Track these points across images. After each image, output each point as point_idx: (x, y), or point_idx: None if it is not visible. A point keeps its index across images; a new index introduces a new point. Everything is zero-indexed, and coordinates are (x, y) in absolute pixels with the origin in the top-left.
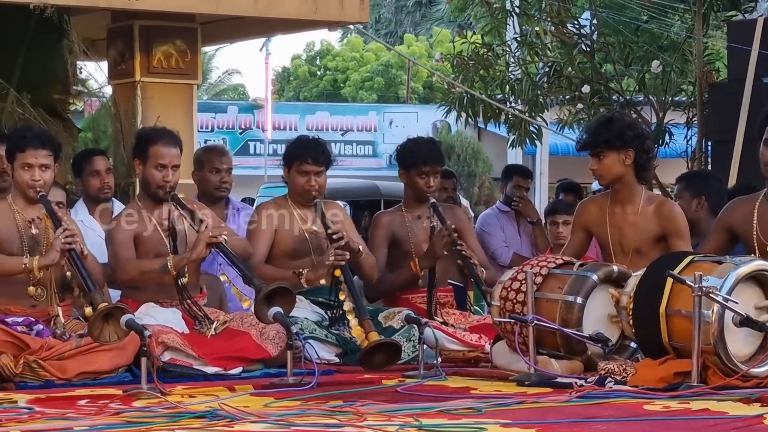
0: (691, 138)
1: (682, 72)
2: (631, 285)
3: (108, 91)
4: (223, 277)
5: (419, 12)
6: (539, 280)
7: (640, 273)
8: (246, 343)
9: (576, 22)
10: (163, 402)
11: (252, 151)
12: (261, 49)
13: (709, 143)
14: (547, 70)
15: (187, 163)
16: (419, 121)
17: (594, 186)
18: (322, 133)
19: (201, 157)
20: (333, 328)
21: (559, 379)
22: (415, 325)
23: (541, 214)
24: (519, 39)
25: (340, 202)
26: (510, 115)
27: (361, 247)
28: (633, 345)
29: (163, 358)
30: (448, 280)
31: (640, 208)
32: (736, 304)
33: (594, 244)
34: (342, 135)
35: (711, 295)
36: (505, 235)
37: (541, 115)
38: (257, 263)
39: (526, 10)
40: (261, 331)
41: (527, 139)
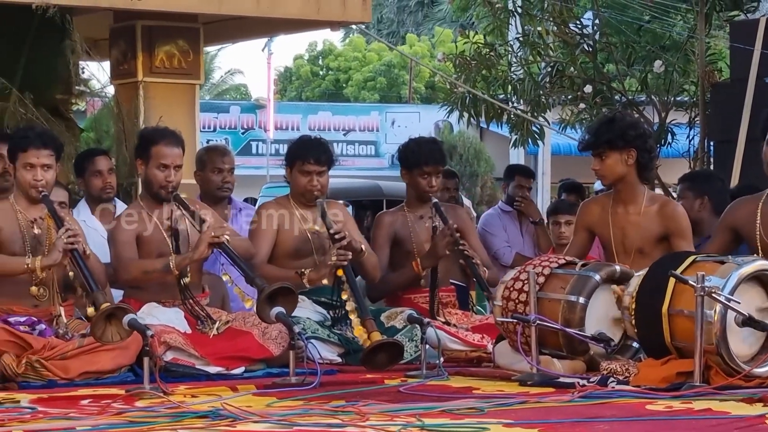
0: (693, 138)
1: (684, 72)
2: (633, 285)
3: (110, 91)
4: (225, 277)
5: (421, 12)
6: (542, 280)
7: (643, 273)
8: (248, 343)
9: (578, 22)
10: (165, 402)
11: (254, 151)
12: (263, 49)
13: (712, 143)
14: (549, 70)
15: (189, 163)
16: (421, 121)
17: (596, 186)
18: (324, 133)
19: (203, 157)
20: (335, 327)
21: (562, 379)
22: (417, 325)
23: (544, 214)
24: (521, 39)
25: (341, 202)
26: (512, 115)
27: (363, 247)
28: (635, 345)
29: (166, 358)
30: (450, 280)
31: (643, 208)
32: (739, 304)
33: (596, 245)
34: (344, 135)
35: (713, 295)
36: (508, 235)
37: (543, 115)
38: (259, 263)
39: (528, 10)
40: (263, 330)
41: (529, 139)
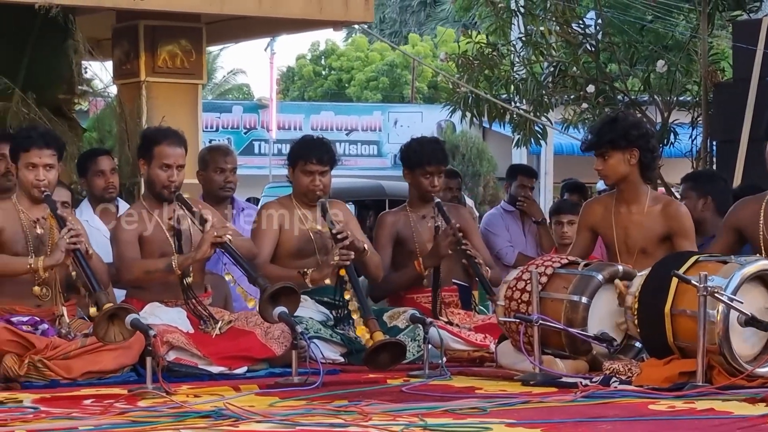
0: (696, 138)
1: (687, 72)
2: (636, 285)
3: (113, 90)
4: (228, 277)
5: (424, 12)
6: (544, 279)
7: (645, 273)
8: (251, 343)
9: (581, 22)
10: (168, 402)
11: (257, 150)
12: (266, 49)
13: (714, 143)
14: (551, 69)
15: (191, 163)
16: (424, 120)
17: (599, 186)
18: (326, 132)
19: (205, 157)
20: (338, 327)
21: (564, 379)
22: (419, 325)
23: (546, 214)
24: (524, 39)
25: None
26: (515, 115)
27: (366, 246)
28: (638, 345)
29: (168, 358)
30: (452, 280)
31: (646, 208)
32: (741, 303)
33: (599, 245)
34: (347, 135)
35: (716, 294)
36: (510, 234)
37: (545, 114)
38: (262, 263)
39: (530, 10)
40: (266, 330)
41: (532, 139)
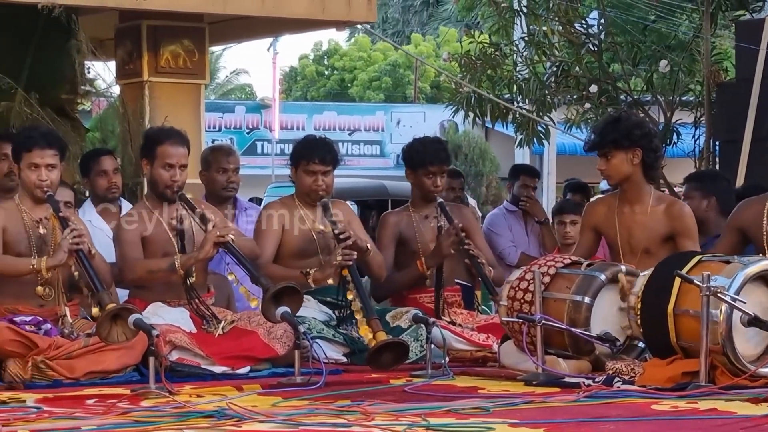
0: (698, 138)
1: (689, 71)
2: (639, 285)
3: (116, 90)
4: (230, 277)
5: (426, 12)
6: (547, 279)
7: (648, 273)
8: (253, 343)
9: (584, 22)
10: (171, 401)
11: (259, 150)
12: (268, 49)
13: (717, 143)
14: (554, 69)
15: (194, 163)
16: (427, 120)
17: (602, 186)
18: (329, 132)
19: (208, 157)
20: (341, 327)
21: (567, 379)
22: (422, 325)
23: (549, 214)
24: (526, 39)
25: (347, 202)
26: (517, 115)
27: (369, 246)
28: (641, 345)
29: (171, 358)
30: (455, 280)
31: (650, 208)
32: (744, 303)
33: (602, 245)
34: (349, 135)
35: (719, 294)
36: (513, 234)
37: (548, 114)
38: (265, 263)
39: (533, 10)
40: (268, 330)
41: (535, 139)
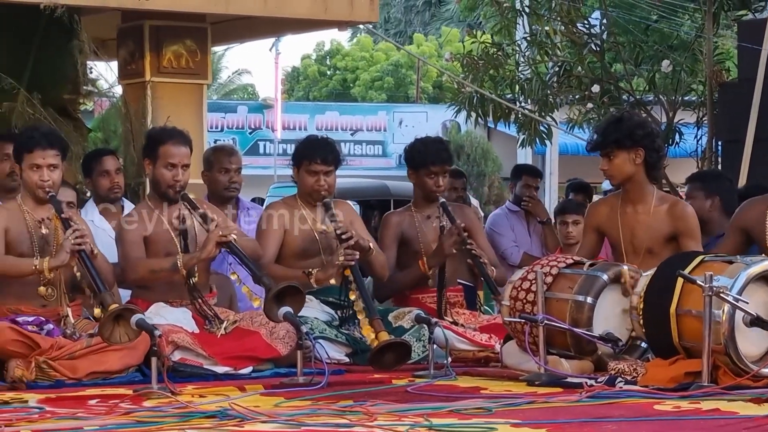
0: (701, 138)
1: (692, 71)
2: (641, 285)
3: (118, 91)
4: (233, 276)
5: (429, 12)
6: (549, 279)
7: (651, 273)
8: (256, 343)
9: (586, 22)
10: (173, 402)
11: (262, 150)
12: (271, 49)
13: (719, 143)
14: (556, 69)
15: (196, 163)
16: (429, 120)
17: (604, 186)
18: (331, 132)
19: (210, 158)
20: (343, 327)
21: (570, 379)
22: (425, 325)
23: (551, 214)
24: (529, 39)
25: (350, 202)
26: (520, 115)
27: (371, 245)
28: (643, 345)
29: (174, 358)
30: (458, 280)
31: (653, 208)
32: (747, 304)
33: (605, 246)
34: (352, 135)
35: (721, 294)
36: (515, 234)
37: (550, 114)
38: (267, 263)
39: (535, 10)
40: (271, 330)
41: (537, 139)
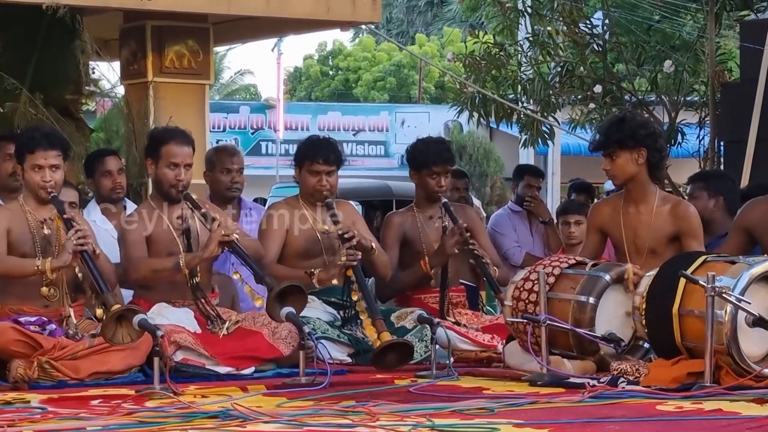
0: (703, 138)
1: (694, 72)
2: (644, 285)
3: (120, 91)
4: (236, 276)
5: (431, 12)
6: (552, 280)
7: (653, 273)
8: (258, 343)
9: (588, 22)
10: (175, 402)
11: (264, 151)
12: (273, 49)
13: (722, 143)
14: (559, 69)
15: (198, 163)
16: (431, 121)
17: (606, 186)
18: (333, 133)
19: (212, 158)
20: (345, 328)
21: (572, 380)
22: (427, 325)
23: (553, 214)
24: (531, 39)
25: (352, 202)
26: (522, 115)
27: (373, 245)
28: (646, 345)
29: (176, 358)
30: (460, 280)
31: (655, 208)
32: (749, 304)
33: (608, 247)
34: (354, 135)
35: (724, 295)
36: (517, 235)
37: (553, 115)
38: (269, 263)
39: (538, 10)
40: (273, 330)
41: (539, 139)
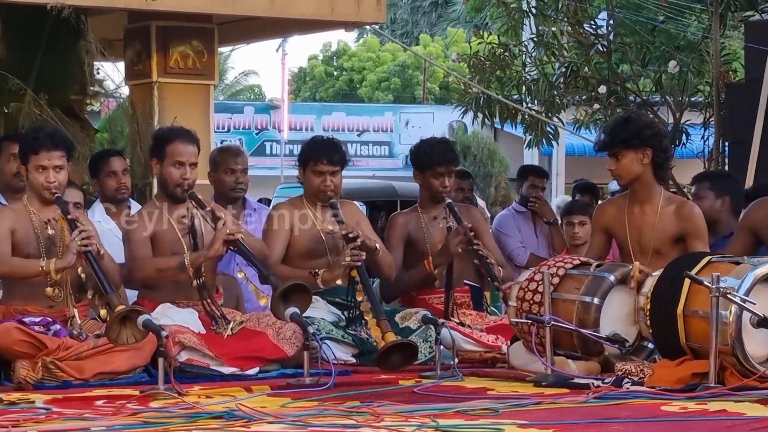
0: (708, 138)
1: (699, 72)
2: (648, 285)
3: (125, 91)
4: (240, 275)
5: (435, 12)
6: (556, 280)
7: (658, 273)
8: (263, 343)
9: (592, 23)
10: (180, 402)
11: (268, 151)
12: (277, 50)
13: (726, 144)
14: (563, 70)
15: (203, 164)
16: (435, 121)
17: (611, 187)
18: (338, 133)
19: (216, 158)
20: (350, 328)
21: (576, 380)
22: (431, 326)
23: (557, 215)
24: (535, 39)
25: (356, 203)
26: (526, 116)
27: (378, 245)
28: (650, 346)
29: (180, 359)
30: (464, 281)
31: (660, 208)
32: (754, 305)
33: (612, 248)
34: (358, 135)
35: (728, 295)
36: (522, 235)
37: (557, 115)
38: (273, 263)
39: (542, 11)
40: (277, 331)
41: (544, 140)
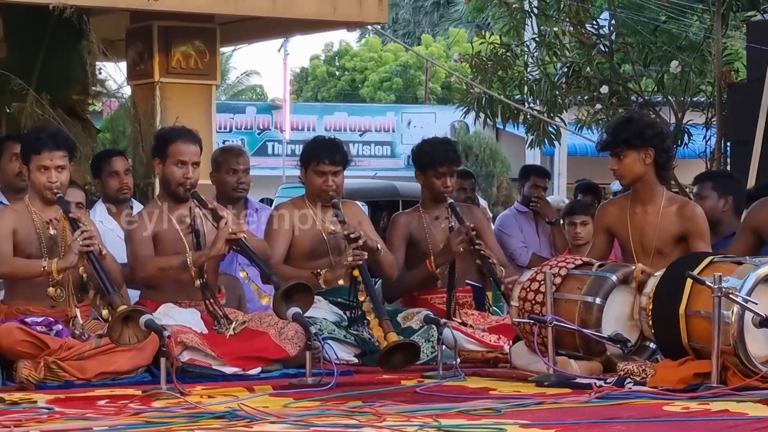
0: (710, 138)
1: (700, 72)
2: (650, 286)
3: (127, 91)
4: (242, 274)
5: (437, 12)
6: (558, 280)
7: (660, 274)
8: (265, 343)
9: (594, 23)
10: (182, 402)
11: (270, 151)
12: (279, 50)
13: (728, 144)
14: (565, 70)
15: (205, 164)
16: (437, 121)
17: (613, 187)
18: (340, 133)
19: (218, 158)
20: (352, 328)
21: (579, 380)
22: (433, 326)
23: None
24: (537, 39)
25: (358, 203)
26: (528, 116)
27: (379, 245)
28: (652, 346)
29: (182, 359)
30: (466, 281)
31: (662, 208)
32: (756, 305)
33: (614, 249)
34: (360, 135)
35: (731, 295)
36: (524, 235)
37: (559, 115)
38: (276, 263)
39: (544, 11)
40: (280, 330)
41: (545, 140)
